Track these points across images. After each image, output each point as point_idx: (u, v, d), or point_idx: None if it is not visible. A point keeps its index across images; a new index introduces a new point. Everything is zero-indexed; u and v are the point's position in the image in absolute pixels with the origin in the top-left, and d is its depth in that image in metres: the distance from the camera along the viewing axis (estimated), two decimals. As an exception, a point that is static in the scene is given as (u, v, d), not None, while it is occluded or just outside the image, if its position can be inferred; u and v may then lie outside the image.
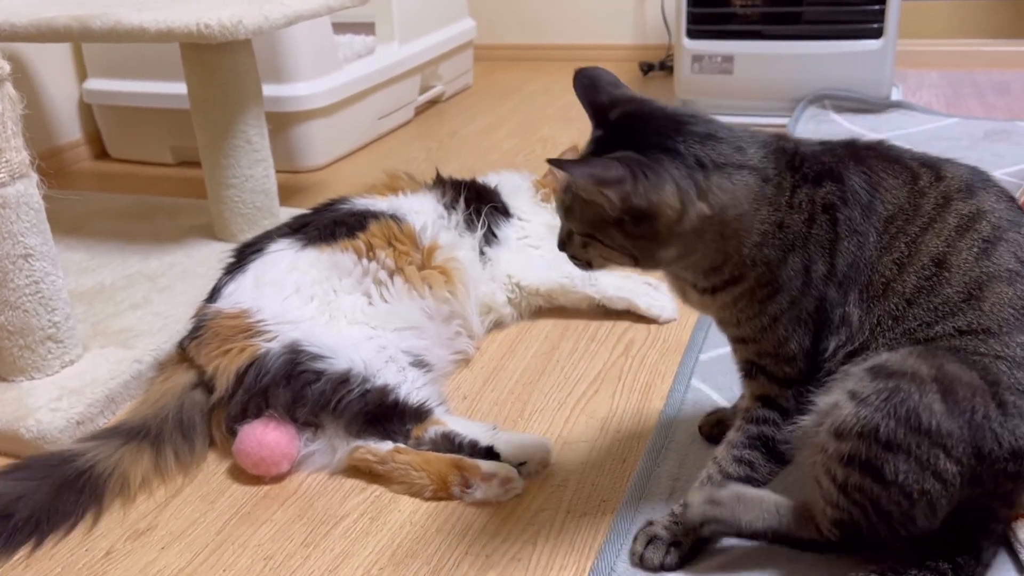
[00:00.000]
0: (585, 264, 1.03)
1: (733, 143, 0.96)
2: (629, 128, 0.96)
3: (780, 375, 1.01)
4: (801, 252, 0.97)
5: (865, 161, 0.99)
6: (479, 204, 1.72)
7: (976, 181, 0.99)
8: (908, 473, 0.90)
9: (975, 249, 0.95)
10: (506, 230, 1.74)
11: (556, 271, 1.68)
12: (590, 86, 1.00)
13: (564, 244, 1.04)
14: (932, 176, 0.99)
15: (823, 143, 1.02)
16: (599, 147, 0.96)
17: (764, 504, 1.04)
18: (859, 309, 0.97)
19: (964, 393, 0.89)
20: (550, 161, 0.93)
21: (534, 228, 1.77)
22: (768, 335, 1.00)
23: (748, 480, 1.04)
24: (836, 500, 0.95)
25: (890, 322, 0.96)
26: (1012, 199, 1.00)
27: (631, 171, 0.90)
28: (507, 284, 1.69)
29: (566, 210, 0.99)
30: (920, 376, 0.90)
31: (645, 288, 1.69)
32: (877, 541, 0.96)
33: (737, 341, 1.05)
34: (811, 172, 0.98)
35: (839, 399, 0.93)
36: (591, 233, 0.98)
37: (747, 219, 0.96)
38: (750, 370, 1.04)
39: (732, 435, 1.06)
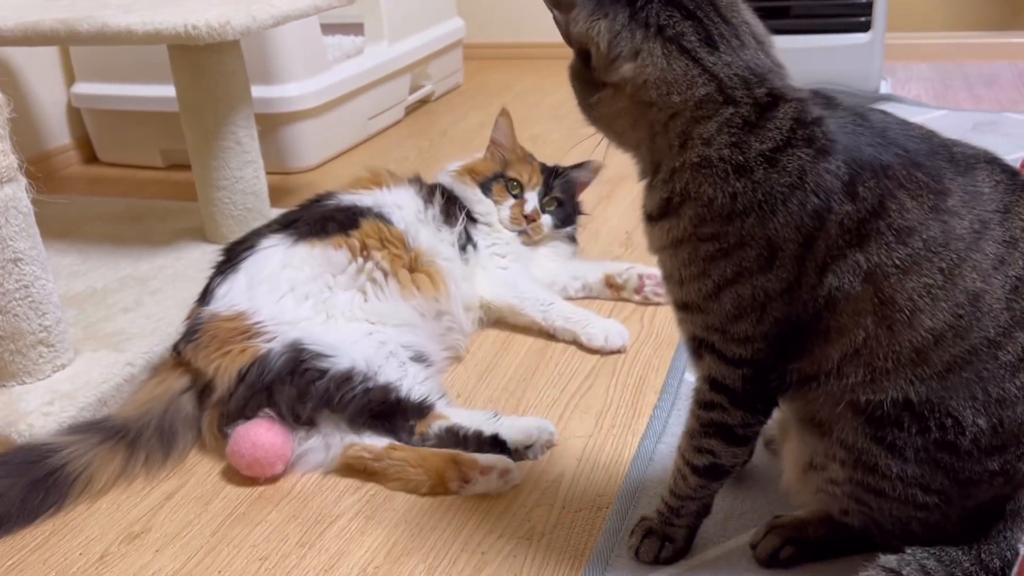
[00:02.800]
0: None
1: (715, 38, 0.87)
2: None
3: (729, 355, 0.93)
4: (767, 220, 0.86)
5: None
6: (451, 204, 1.72)
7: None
8: (893, 511, 0.94)
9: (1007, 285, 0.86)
10: (476, 236, 1.73)
11: (511, 289, 1.67)
12: None
13: None
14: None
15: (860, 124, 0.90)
16: None
17: None
18: (876, 328, 0.87)
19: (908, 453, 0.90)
20: None
21: (502, 236, 1.76)
22: (713, 305, 0.90)
23: (714, 467, 1.00)
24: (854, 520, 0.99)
25: (913, 356, 0.87)
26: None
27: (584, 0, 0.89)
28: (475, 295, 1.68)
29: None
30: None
31: (594, 319, 1.61)
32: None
33: (681, 308, 0.95)
34: (821, 142, 0.86)
35: (828, 460, 0.95)
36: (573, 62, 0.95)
37: (690, 125, 0.88)
38: (697, 348, 0.96)
39: (689, 422, 1.00)
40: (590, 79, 0.92)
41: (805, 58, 2.71)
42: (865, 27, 2.71)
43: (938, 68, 3.28)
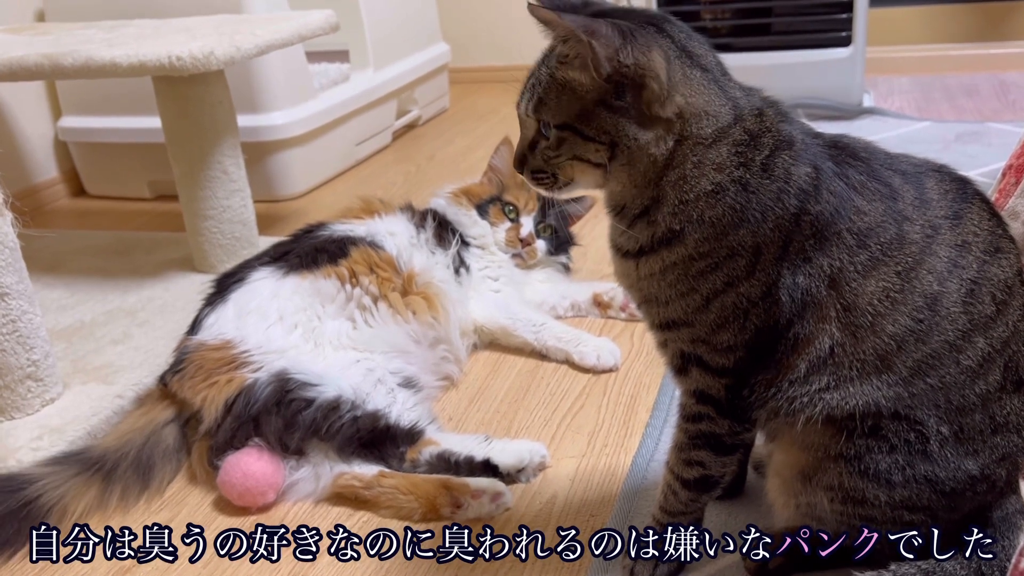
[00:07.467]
0: (550, 179, 0.93)
1: (725, 68, 0.92)
2: (607, 14, 0.87)
3: (714, 365, 0.94)
4: (759, 226, 0.87)
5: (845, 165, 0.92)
6: (443, 229, 1.73)
7: (957, 197, 0.92)
8: (882, 526, 0.95)
9: (964, 290, 0.88)
10: (469, 259, 1.74)
11: (503, 311, 1.68)
12: None
13: (524, 158, 0.95)
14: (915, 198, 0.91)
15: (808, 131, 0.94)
16: None
17: None
18: (841, 334, 0.89)
19: (895, 477, 0.91)
20: (531, 6, 0.84)
21: (495, 259, 1.77)
22: (702, 317, 0.91)
23: (704, 479, 1.01)
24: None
25: (877, 363, 0.89)
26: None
27: (619, 31, 0.83)
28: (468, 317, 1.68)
29: (537, 104, 0.90)
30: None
31: (586, 338, 1.62)
32: None
33: (665, 327, 0.95)
34: (797, 146, 0.90)
35: (816, 500, 0.96)
36: (567, 123, 0.88)
37: (703, 152, 0.87)
38: (683, 365, 0.96)
39: (677, 436, 1.02)
40: (634, 110, 0.86)
41: (787, 74, 2.73)
42: (846, 42, 2.73)
43: (919, 80, 3.31)
